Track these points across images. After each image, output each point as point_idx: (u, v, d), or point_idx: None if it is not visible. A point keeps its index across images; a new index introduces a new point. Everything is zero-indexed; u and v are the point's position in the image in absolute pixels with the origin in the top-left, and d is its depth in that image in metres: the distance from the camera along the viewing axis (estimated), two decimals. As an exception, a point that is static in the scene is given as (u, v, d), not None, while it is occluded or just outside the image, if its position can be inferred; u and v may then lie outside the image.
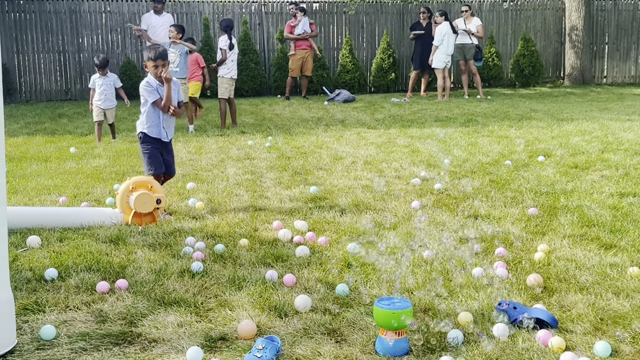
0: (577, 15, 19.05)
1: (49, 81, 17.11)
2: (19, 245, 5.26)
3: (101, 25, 17.28)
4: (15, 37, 16.74)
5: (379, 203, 6.49)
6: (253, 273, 4.62)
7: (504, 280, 4.40)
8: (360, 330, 3.75)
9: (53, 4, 17.13)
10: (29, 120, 12.87)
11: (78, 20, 17.07)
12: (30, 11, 16.88)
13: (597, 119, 11.88)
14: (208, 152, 9.39)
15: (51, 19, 16.92)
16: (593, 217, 5.78)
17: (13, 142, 10.21)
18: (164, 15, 14.90)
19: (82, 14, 17.10)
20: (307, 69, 16.14)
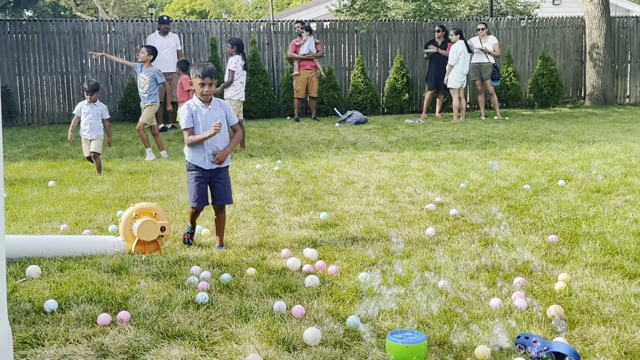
0: (597, 33, 19.04)
1: (52, 104, 17.23)
2: (19, 275, 5.26)
3: (106, 46, 17.40)
4: (18, 59, 16.88)
5: (392, 230, 6.47)
6: (260, 304, 4.60)
7: (523, 312, 4.37)
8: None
9: (56, 25, 17.30)
10: (30, 144, 12.95)
11: (82, 41, 17.22)
12: (33, 32, 17.05)
13: (619, 140, 11.84)
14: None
15: (54, 40, 17.08)
16: (616, 244, 5.74)
17: (14, 167, 10.26)
18: (169, 36, 15.05)
19: (86, 35, 17.26)
20: (313, 89, 16.16)
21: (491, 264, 5.37)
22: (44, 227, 6.79)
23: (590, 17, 19.18)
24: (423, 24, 18.61)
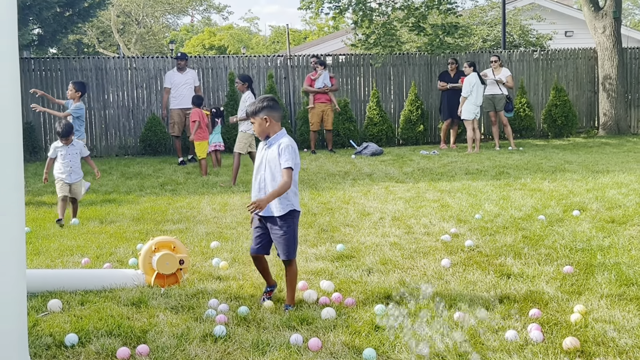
0: (610, 64, 19.03)
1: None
2: (40, 309, 5.27)
3: (127, 82, 17.58)
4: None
5: (407, 261, 6.44)
6: (277, 337, 4.58)
7: (538, 344, 4.32)
8: None
9: (79, 62, 17.52)
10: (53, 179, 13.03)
11: (104, 77, 17.41)
12: (56, 69, 17.26)
13: (634, 170, 11.76)
14: (233, 209, 9.41)
15: (77, 77, 17.24)
16: (632, 275, 5.68)
17: (37, 201, 10.33)
18: (187, 72, 15.16)
19: (107, 71, 17.45)
20: (328, 122, 16.21)
21: (506, 295, 5.32)
22: (66, 260, 6.82)
23: (602, 49, 19.17)
24: (437, 57, 18.67)
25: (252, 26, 66.51)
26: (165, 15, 45.84)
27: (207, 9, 50.13)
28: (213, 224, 8.41)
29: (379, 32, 18.57)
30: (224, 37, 55.74)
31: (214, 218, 8.78)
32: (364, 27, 18.66)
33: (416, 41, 20.80)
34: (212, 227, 8.22)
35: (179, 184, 11.79)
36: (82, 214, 9.20)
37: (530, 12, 26.13)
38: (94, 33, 39.71)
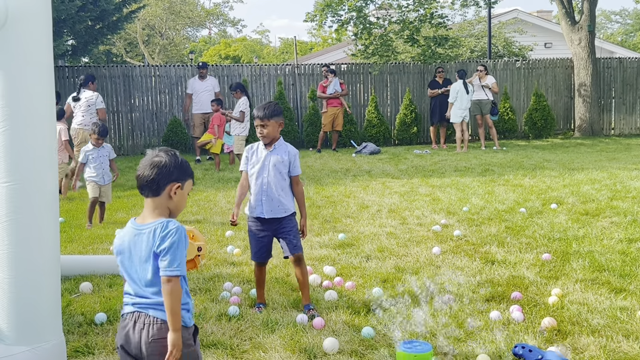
0: (585, 72, 18.97)
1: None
2: (73, 291, 5.29)
3: (151, 88, 17.58)
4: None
5: (402, 249, 6.44)
6: (285, 316, 4.59)
7: (519, 324, 4.31)
8: None
9: (108, 70, 17.52)
10: (85, 174, 13.05)
11: (130, 83, 17.41)
12: (88, 76, 17.26)
13: (606, 168, 11.73)
14: (245, 201, 9.39)
15: (106, 83, 17.27)
16: (603, 262, 5.67)
17: (69, 195, 10.35)
18: (207, 79, 15.13)
19: (134, 78, 17.45)
20: (338, 124, 16.26)
21: (491, 280, 5.32)
22: (96, 247, 6.84)
23: (578, 59, 19.11)
24: (429, 66, 18.63)
25: (264, 38, 66.45)
26: (186, 28, 45.82)
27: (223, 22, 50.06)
28: (228, 215, 8.40)
29: (377, 43, 18.54)
30: (238, 48, 55.71)
31: (228, 210, 8.77)
32: (364, 38, 18.63)
33: (410, 52, 20.75)
34: (227, 218, 8.21)
35: (197, 179, 11.79)
36: (110, 206, 9.19)
37: (513, 26, 26.07)
38: (121, 44, 39.70)
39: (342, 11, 18.71)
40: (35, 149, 3.42)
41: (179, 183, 2.75)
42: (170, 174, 2.73)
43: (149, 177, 2.72)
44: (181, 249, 2.67)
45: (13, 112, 3.34)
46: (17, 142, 3.35)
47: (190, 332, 2.77)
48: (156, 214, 2.74)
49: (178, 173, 2.75)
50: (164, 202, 2.76)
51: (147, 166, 2.74)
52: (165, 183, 2.73)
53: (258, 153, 4.78)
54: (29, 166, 3.39)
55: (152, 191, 2.74)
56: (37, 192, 3.43)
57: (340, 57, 25.68)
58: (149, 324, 2.68)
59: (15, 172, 3.36)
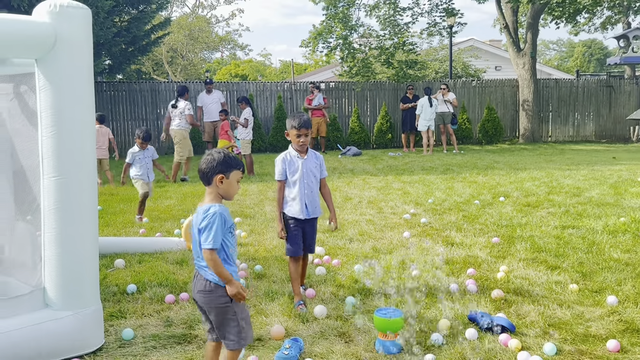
0: (528, 90, 19.01)
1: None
2: (109, 266, 5.26)
3: (174, 100, 17.48)
4: (110, 109, 16.99)
5: (378, 233, 6.43)
6: (283, 288, 4.57)
7: (473, 294, 4.32)
8: (364, 333, 3.69)
9: (138, 85, 17.41)
10: (119, 170, 12.94)
11: (157, 96, 17.31)
12: (121, 90, 17.17)
13: (544, 168, 11.76)
14: (251, 194, 9.38)
15: (137, 96, 17.17)
16: (542, 244, 5.69)
17: (107, 188, 10.29)
18: (213, 93, 14.98)
19: (160, 92, 17.35)
20: (322, 131, 16.17)
21: (451, 259, 5.33)
22: (128, 231, 6.79)
23: (522, 79, 19.15)
24: (401, 84, 18.62)
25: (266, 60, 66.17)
26: (203, 51, 45.55)
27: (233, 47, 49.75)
28: (236, 205, 8.38)
29: (359, 65, 18.53)
30: (245, 68, 55.48)
31: (237, 200, 8.74)
32: (348, 61, 18.60)
33: (386, 72, 20.73)
34: (236, 207, 8.19)
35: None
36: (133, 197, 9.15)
37: (470, 52, 26.09)
38: (149, 64, 39.43)
39: (331, 39, 18.67)
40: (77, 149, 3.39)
41: (222, 174, 2.86)
42: (214, 168, 2.86)
43: (201, 171, 2.89)
44: (215, 229, 2.76)
45: (60, 119, 3.31)
46: (63, 144, 3.33)
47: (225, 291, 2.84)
48: (209, 199, 2.88)
49: (222, 167, 2.86)
50: (215, 190, 2.88)
51: (202, 162, 2.90)
52: (212, 175, 2.86)
53: (295, 162, 4.32)
54: (72, 163, 3.37)
55: (205, 181, 2.90)
56: (79, 184, 3.41)
57: (329, 76, 25.64)
58: (197, 280, 2.90)
59: (61, 168, 3.33)
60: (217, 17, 62.84)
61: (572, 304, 4.05)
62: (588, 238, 5.88)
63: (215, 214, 2.78)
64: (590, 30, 25.33)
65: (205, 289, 2.84)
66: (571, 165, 12.20)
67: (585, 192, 8.64)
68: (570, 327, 3.66)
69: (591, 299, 4.13)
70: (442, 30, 19.40)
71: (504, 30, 19.30)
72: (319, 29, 18.65)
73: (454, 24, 19.11)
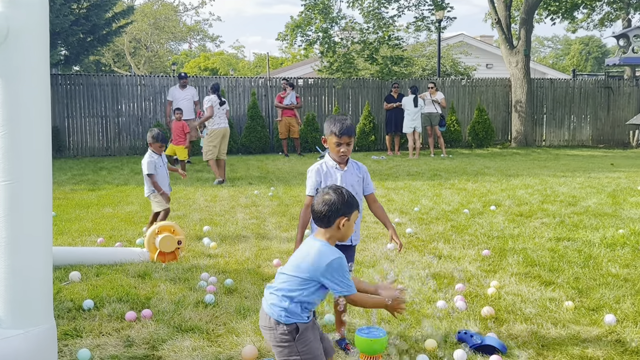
0: (521, 91, 19.27)
1: (93, 140, 17.09)
2: (63, 279, 5.18)
3: (137, 95, 17.35)
4: (66, 104, 16.79)
5: (360, 244, 6.44)
6: (256, 304, 4.55)
7: (462, 312, 4.35)
8: (346, 357, 3.68)
9: (98, 78, 17.24)
10: (75, 173, 12.83)
11: (118, 91, 17.17)
12: (79, 83, 16.98)
13: (538, 175, 11.92)
14: (221, 200, 9.34)
15: (96, 90, 17.01)
16: (535, 258, 5.75)
17: (61, 191, 10.16)
18: (187, 89, 14.94)
19: (121, 86, 17.21)
20: (293, 132, 16.15)
21: (438, 272, 5.36)
22: (84, 239, 6.71)
23: (515, 79, 19.41)
24: (386, 82, 18.74)
25: (239, 53, 66.02)
26: (169, 42, 45.28)
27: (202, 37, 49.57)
28: (205, 212, 8.34)
29: (340, 61, 18.60)
30: (216, 61, 55.30)
31: (206, 207, 8.71)
32: (329, 56, 18.67)
33: (370, 69, 20.85)
34: (205, 214, 8.15)
35: (178, 179, 11.66)
36: (98, 202, 9.06)
37: (459, 48, 26.37)
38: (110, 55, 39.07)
39: (310, 31, 18.72)
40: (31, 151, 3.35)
41: (346, 217, 2.85)
42: (338, 210, 2.84)
43: (322, 213, 2.84)
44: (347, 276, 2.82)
45: (12, 118, 3.27)
46: (15, 145, 3.28)
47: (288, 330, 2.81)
48: (326, 238, 2.86)
49: (345, 208, 2.85)
50: (334, 232, 2.86)
51: (320, 203, 2.86)
52: (334, 218, 2.84)
53: (332, 174, 3.82)
54: (25, 166, 3.32)
55: (324, 224, 2.86)
56: (33, 189, 3.36)
57: (307, 71, 25.68)
58: (261, 312, 2.88)
59: (12, 172, 3.28)
60: (185, 5, 62.59)
61: (568, 323, 4.10)
62: (584, 251, 5.97)
63: (340, 259, 2.80)
64: (589, 27, 25.77)
65: (266, 325, 2.84)
66: (566, 172, 12.38)
67: (581, 201, 8.78)
68: (565, 348, 3.71)
69: (588, 318, 4.19)
70: (430, 24, 19.58)
71: (496, 25, 19.54)
72: (297, 21, 18.69)
73: (442, 18, 19.29)
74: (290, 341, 2.78)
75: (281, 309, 2.78)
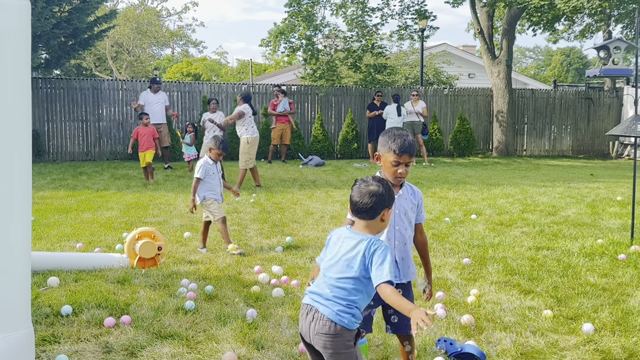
0: (502, 101, 19.47)
1: (73, 144, 16.96)
2: (41, 284, 5.14)
3: (118, 100, 17.25)
4: (46, 108, 16.64)
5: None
6: (236, 311, 4.55)
7: (443, 319, 4.38)
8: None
9: (79, 82, 17.11)
10: (54, 177, 12.72)
11: (99, 95, 17.05)
12: (59, 87, 16.84)
13: (518, 184, 12.03)
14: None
15: (77, 94, 16.88)
16: (515, 267, 5.81)
17: (40, 195, 10.06)
18: (159, 93, 14.83)
19: (102, 91, 17.10)
20: (286, 138, 16.25)
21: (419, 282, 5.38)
22: (63, 245, 6.66)
23: (496, 88, 19.61)
24: (369, 90, 18.83)
25: (222, 59, 65.93)
26: (151, 47, 45.10)
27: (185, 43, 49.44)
28: (186, 218, 8.31)
29: (324, 68, 18.66)
30: (199, 67, 55.15)
31: (187, 213, 8.66)
32: (312, 63, 18.72)
33: (353, 77, 20.94)
34: (185, 220, 8.12)
35: (158, 184, 11.62)
36: (78, 207, 8.98)
37: (442, 57, 26.59)
38: (91, 59, 38.81)
39: (293, 38, 18.76)
40: (11, 155, 3.33)
41: (390, 208, 2.84)
42: (385, 201, 2.81)
43: (368, 205, 2.78)
44: (390, 261, 2.70)
45: (-9, 120, 3.24)
46: (-5, 148, 3.25)
47: (352, 335, 2.75)
48: (367, 231, 2.80)
49: (390, 199, 2.84)
50: (377, 224, 2.82)
51: (366, 194, 2.78)
52: (380, 209, 2.80)
53: None
54: (3, 170, 3.30)
55: (369, 215, 2.80)
56: (12, 193, 3.34)
57: (290, 78, 25.72)
58: (317, 320, 2.73)
59: (-9, 176, 3.26)
60: (169, 10, 62.37)
61: (546, 332, 4.15)
62: (563, 260, 6.05)
63: (387, 249, 2.73)
64: (570, 37, 26.12)
65: (329, 332, 2.70)
66: (547, 182, 12.52)
67: (561, 210, 8.88)
68: (544, 356, 3.75)
69: (566, 327, 4.25)
70: (413, 33, 19.72)
71: (478, 35, 19.74)
72: (280, 27, 18.72)
73: (425, 27, 19.45)
74: (351, 347, 2.73)
75: (350, 315, 2.71)
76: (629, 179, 13.10)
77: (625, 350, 3.85)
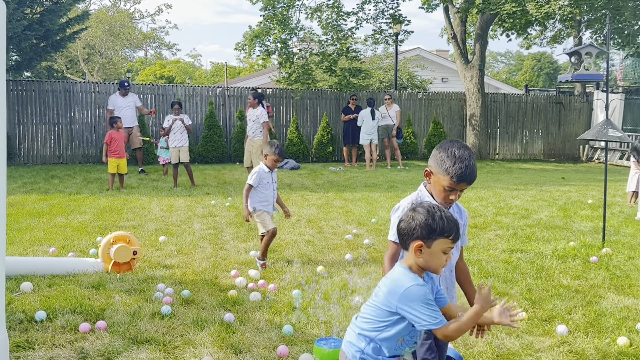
0: (475, 105, 19.68)
1: (45, 147, 16.70)
2: (14, 290, 5.05)
3: (90, 103, 17.04)
4: (17, 111, 16.37)
5: (318, 255, 6.47)
6: (213, 315, 4.53)
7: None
8: (302, 365, 3.69)
9: (50, 85, 16.88)
10: (25, 181, 12.51)
11: (71, 98, 16.83)
12: (30, 90, 16.58)
13: (491, 187, 12.16)
14: (178, 209, 9.25)
15: (48, 97, 16.64)
16: (490, 269, 5.88)
17: (12, 200, 9.88)
18: (128, 95, 14.63)
19: (75, 93, 16.88)
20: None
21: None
22: (36, 249, 6.55)
23: (469, 93, 19.82)
24: (344, 94, 18.88)
25: (196, 61, 65.60)
26: (124, 49, 44.67)
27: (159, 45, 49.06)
28: (161, 222, 8.24)
29: (299, 71, 18.67)
30: (172, 69, 54.79)
31: (162, 217, 8.60)
32: (287, 67, 18.72)
33: (328, 80, 20.99)
34: (160, 224, 8.06)
35: (132, 188, 11.50)
36: (50, 211, 8.85)
37: (416, 62, 26.77)
38: (62, 61, 38.31)
39: (268, 42, 18.75)
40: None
41: (422, 242, 2.43)
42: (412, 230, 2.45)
43: (398, 230, 2.51)
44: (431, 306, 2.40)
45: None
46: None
47: None
48: (408, 265, 2.50)
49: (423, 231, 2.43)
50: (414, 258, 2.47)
51: (403, 218, 2.52)
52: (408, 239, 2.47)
53: None
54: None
55: (401, 244, 2.55)
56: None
57: (265, 81, 25.67)
58: (342, 354, 2.54)
59: (-36, 180, 3.20)
60: (142, 12, 61.80)
61: (521, 334, 4.20)
62: (537, 263, 6.13)
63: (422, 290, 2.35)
64: (542, 43, 26.51)
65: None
66: (519, 185, 12.68)
67: (533, 213, 9.00)
68: (520, 357, 3.80)
69: (540, 328, 4.31)
70: (388, 37, 19.84)
71: (451, 40, 19.93)
72: (255, 31, 18.69)
73: (400, 32, 19.59)
74: None
75: (357, 350, 2.43)
76: (599, 182, 13.34)
77: (599, 352, 3.92)
